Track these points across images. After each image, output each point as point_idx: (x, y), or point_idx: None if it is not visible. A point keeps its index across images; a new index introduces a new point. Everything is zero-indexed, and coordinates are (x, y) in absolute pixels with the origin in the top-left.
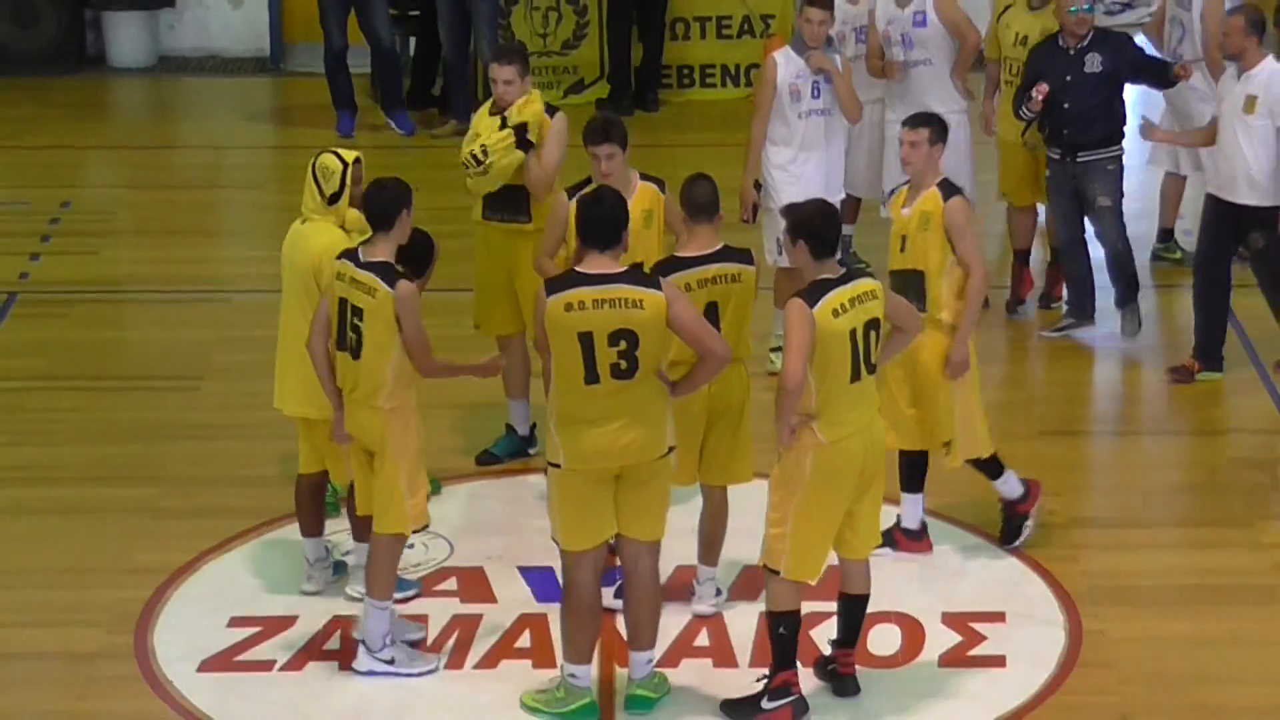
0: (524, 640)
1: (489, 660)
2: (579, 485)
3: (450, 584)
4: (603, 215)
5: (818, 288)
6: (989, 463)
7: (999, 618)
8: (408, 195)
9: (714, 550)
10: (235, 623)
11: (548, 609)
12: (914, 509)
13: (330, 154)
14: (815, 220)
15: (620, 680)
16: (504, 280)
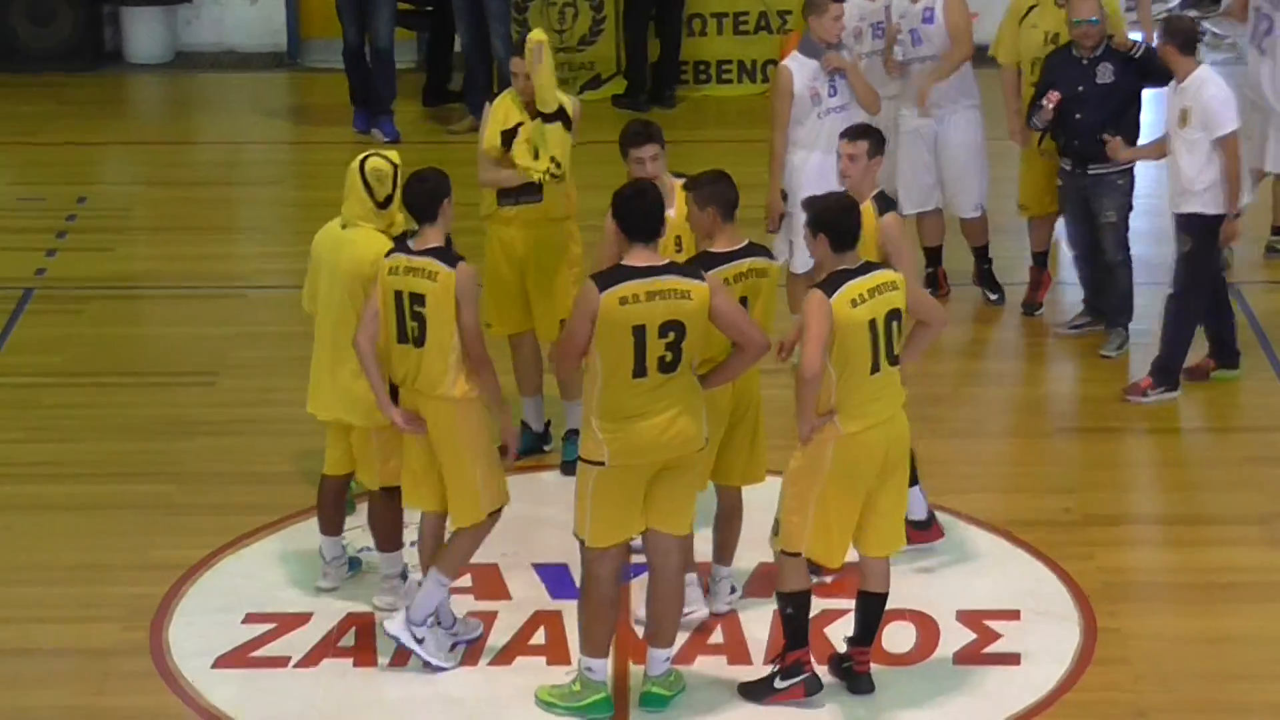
0: (538, 637)
1: (504, 657)
2: (620, 482)
3: (465, 581)
4: (646, 208)
5: (836, 278)
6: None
7: (1014, 615)
8: (447, 184)
9: (729, 550)
10: (251, 619)
11: (562, 605)
12: (917, 501)
13: (378, 157)
14: (836, 213)
15: (635, 677)
16: (516, 278)
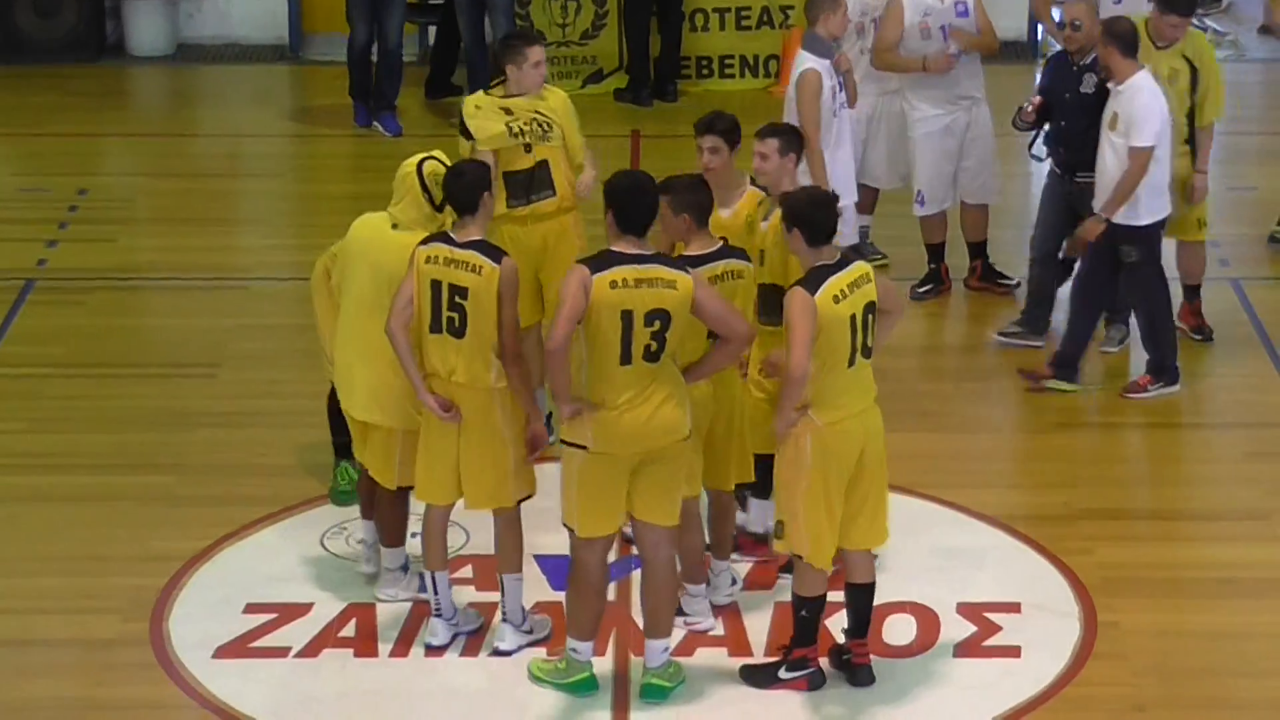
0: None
1: None
2: (602, 469)
3: (466, 571)
4: (650, 204)
5: (817, 274)
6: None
7: (1014, 608)
8: (488, 177)
9: (725, 545)
10: (251, 609)
11: (563, 597)
12: (761, 513)
13: (433, 160)
14: (810, 207)
15: (635, 669)
16: (529, 273)
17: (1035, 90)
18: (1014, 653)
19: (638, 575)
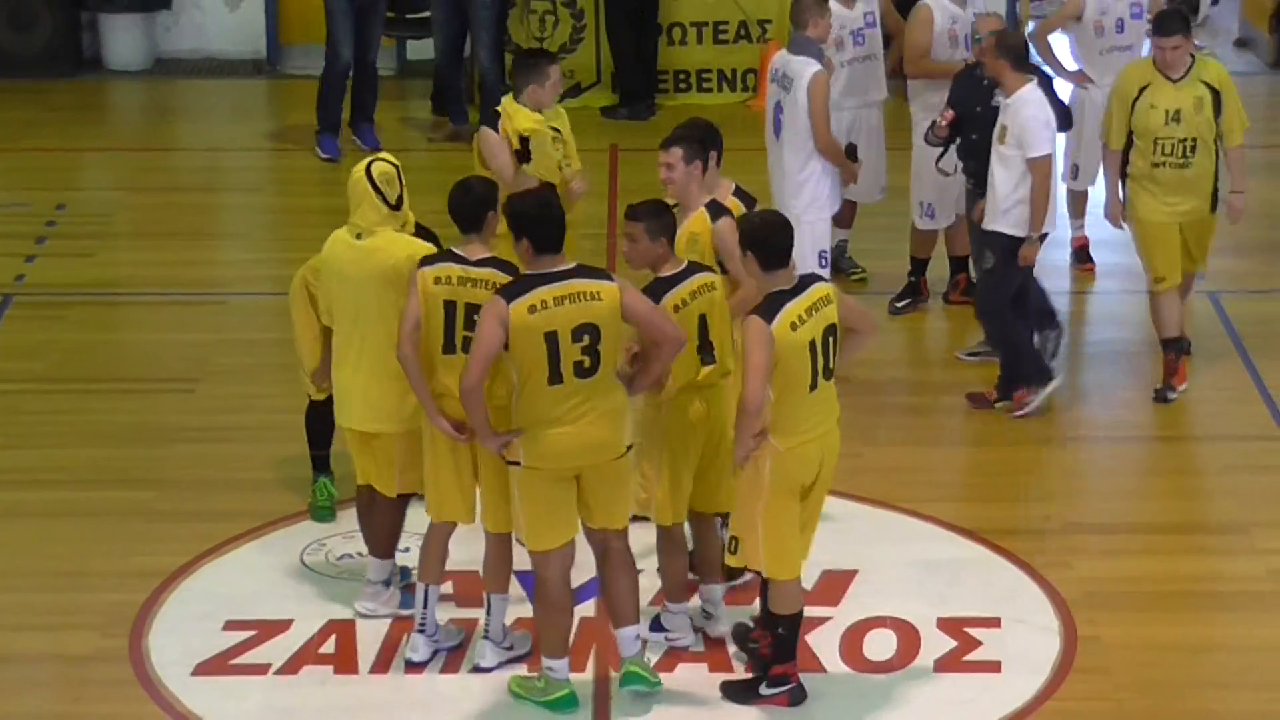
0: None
1: None
2: (541, 484)
3: (446, 588)
4: (559, 219)
5: (773, 301)
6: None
7: (994, 623)
8: (494, 196)
9: (716, 568)
10: (231, 626)
11: None
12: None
13: (380, 161)
14: (764, 231)
15: (616, 685)
16: None
17: (946, 104)
18: (994, 668)
19: None
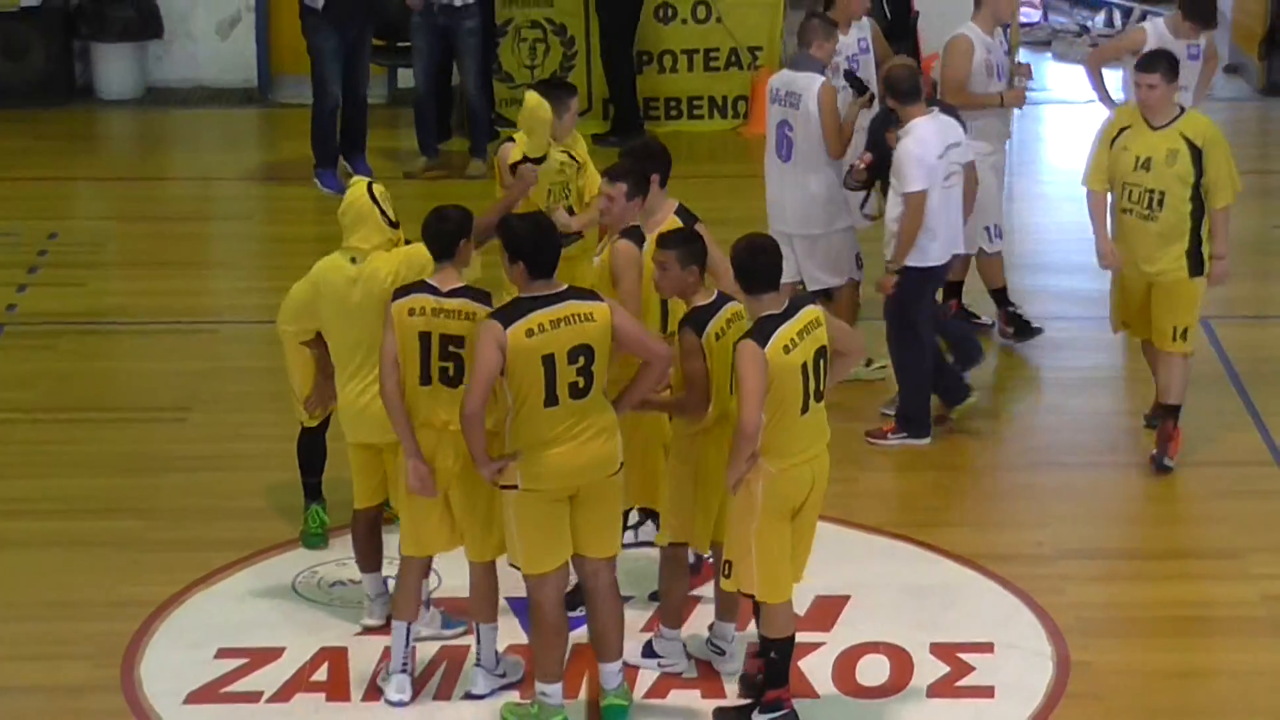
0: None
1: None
2: (537, 507)
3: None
4: (554, 242)
5: (765, 325)
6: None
7: (987, 648)
8: (470, 224)
9: (735, 608)
10: (223, 654)
11: None
12: None
13: (375, 182)
14: (749, 254)
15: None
16: None
17: (865, 147)
18: (987, 693)
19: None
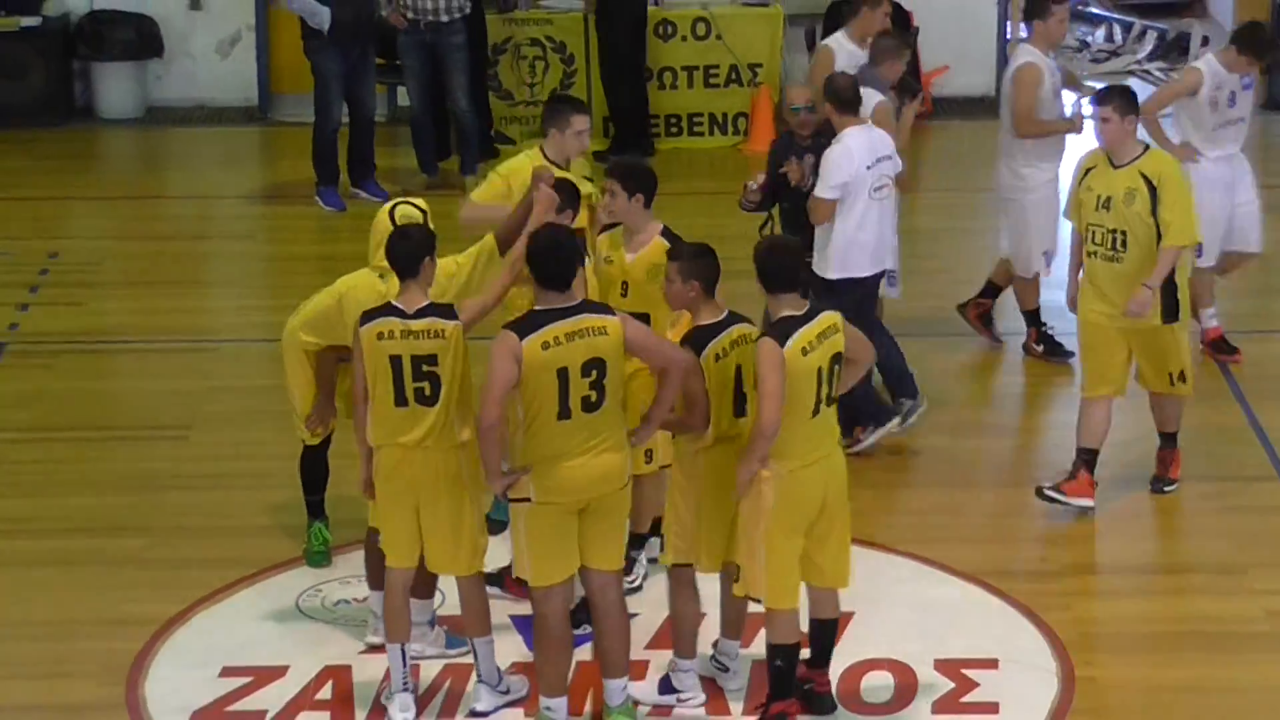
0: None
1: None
2: (548, 520)
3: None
4: (571, 256)
5: (785, 325)
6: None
7: (992, 664)
8: (432, 242)
9: (741, 625)
10: (226, 673)
11: None
12: None
13: (407, 205)
14: (769, 254)
15: None
16: None
17: (767, 170)
18: (992, 709)
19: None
